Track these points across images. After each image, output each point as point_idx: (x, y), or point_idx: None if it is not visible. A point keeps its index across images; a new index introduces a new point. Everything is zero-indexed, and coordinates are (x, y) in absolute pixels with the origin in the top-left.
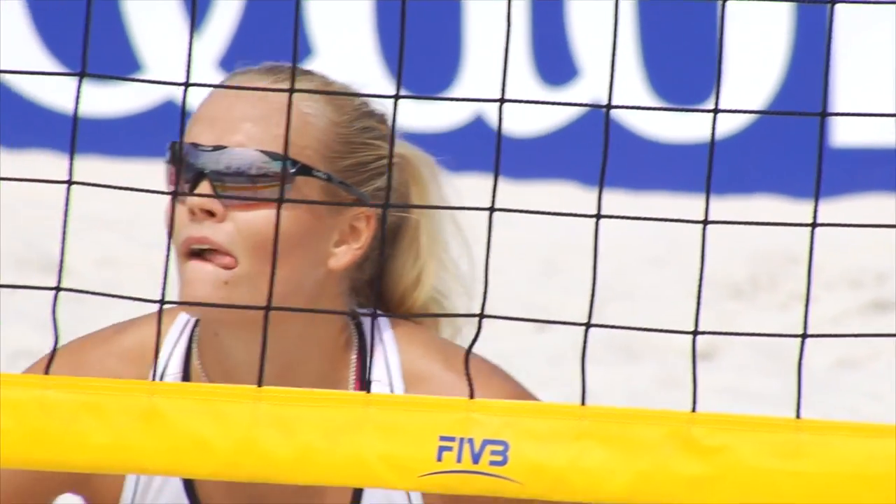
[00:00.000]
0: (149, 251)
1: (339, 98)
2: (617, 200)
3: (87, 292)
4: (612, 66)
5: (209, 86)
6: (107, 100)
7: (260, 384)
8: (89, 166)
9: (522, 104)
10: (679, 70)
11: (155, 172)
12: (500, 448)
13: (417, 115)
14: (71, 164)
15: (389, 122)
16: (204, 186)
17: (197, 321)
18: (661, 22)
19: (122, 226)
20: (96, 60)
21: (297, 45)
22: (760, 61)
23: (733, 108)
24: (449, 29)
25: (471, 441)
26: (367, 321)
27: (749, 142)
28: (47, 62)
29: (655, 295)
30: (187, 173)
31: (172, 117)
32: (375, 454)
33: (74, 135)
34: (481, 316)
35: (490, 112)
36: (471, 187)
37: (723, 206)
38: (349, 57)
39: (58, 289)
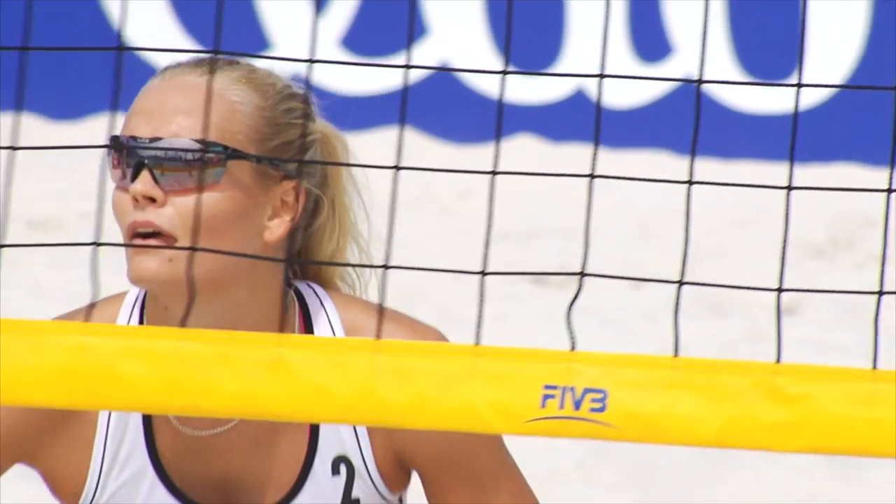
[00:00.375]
0: None
1: (264, 84)
2: (707, 168)
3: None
4: (702, 44)
5: (333, 62)
6: None
7: None
8: None
9: (620, 79)
10: (765, 46)
11: None
12: (599, 396)
13: (524, 89)
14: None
15: (310, 102)
16: (144, 175)
17: (144, 303)
18: (749, 2)
19: None
20: (229, 39)
21: (412, 25)
22: (841, 37)
23: (815, 82)
24: (553, 10)
25: (572, 389)
26: (305, 288)
27: (830, 113)
28: (184, 41)
29: (742, 255)
30: (129, 164)
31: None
32: (485, 401)
33: (207, 108)
34: (582, 274)
35: (590, 86)
36: (573, 156)
37: (805, 173)
38: (461, 36)
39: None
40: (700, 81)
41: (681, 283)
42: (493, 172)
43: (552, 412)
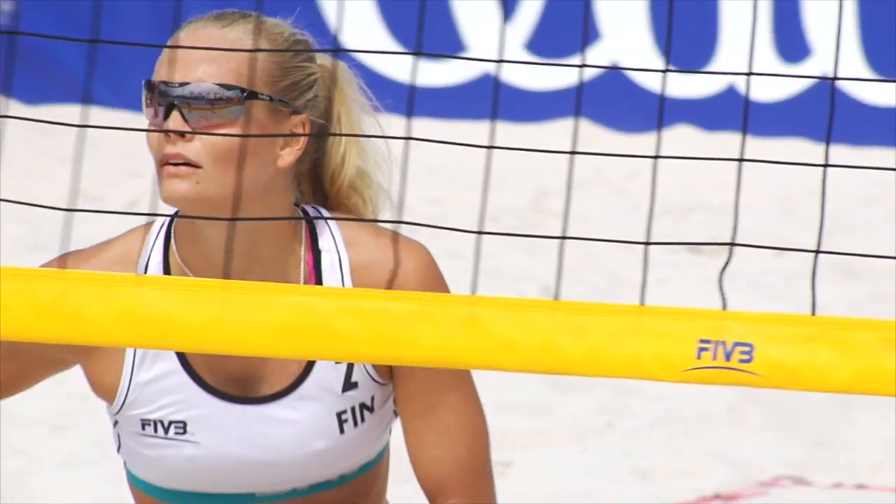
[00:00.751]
0: (469, 192)
1: (273, 34)
2: (840, 153)
3: (421, 225)
4: (836, 46)
5: (519, 62)
6: (437, 73)
7: (228, 267)
8: (423, 126)
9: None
10: (892, 47)
11: (471, 131)
12: (747, 349)
13: (683, 86)
14: (409, 124)
15: (312, 45)
16: (175, 114)
17: (171, 225)
18: (878, 9)
19: (448, 173)
20: (429, 41)
21: (587, 30)
22: None
23: None
24: (707, 15)
25: (723, 343)
26: (311, 209)
27: None
28: (391, 43)
29: (870, 228)
30: (161, 105)
31: (487, 88)
32: (648, 353)
33: (412, 101)
34: (732, 244)
35: (740, 83)
36: (724, 143)
37: None
38: (628, 39)
39: (400, 222)
40: (834, 78)
41: (817, 252)
42: (656, 157)
43: (706, 363)
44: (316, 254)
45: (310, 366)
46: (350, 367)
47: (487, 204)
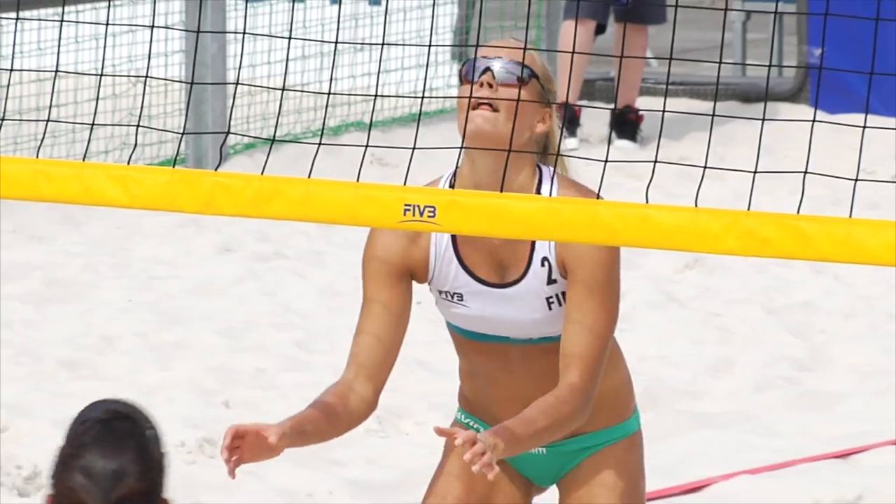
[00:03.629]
0: None
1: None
2: None
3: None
4: None
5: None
6: None
7: (501, 189)
8: None
9: None
10: None
11: None
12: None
13: None
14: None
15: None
16: (488, 75)
17: (455, 172)
18: None
19: None
20: None
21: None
22: None
23: None
24: None
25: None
26: (543, 167)
27: None
28: None
29: None
30: (479, 70)
31: None
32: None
33: None
34: None
35: None
36: None
37: None
38: None
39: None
40: None
41: None
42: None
43: (409, 217)
44: (538, 192)
45: (528, 265)
46: (550, 269)
47: None
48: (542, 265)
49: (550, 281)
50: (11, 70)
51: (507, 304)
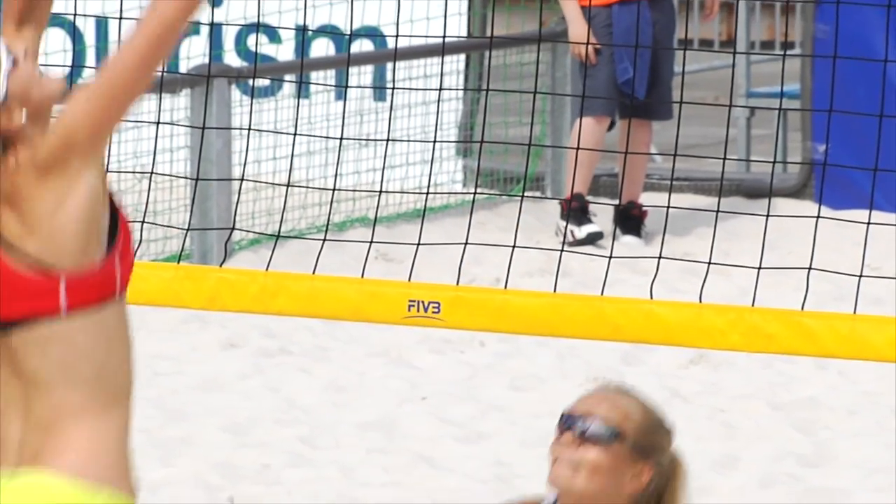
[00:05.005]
0: None
1: (646, 405)
2: None
3: None
4: None
5: None
6: None
7: None
8: None
9: None
10: None
11: None
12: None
13: None
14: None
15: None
16: (568, 434)
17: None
18: None
19: None
20: None
21: None
22: None
23: None
24: None
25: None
26: None
27: None
28: None
29: None
30: (564, 424)
31: None
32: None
33: None
34: None
35: None
36: None
37: None
38: None
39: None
40: None
41: None
42: None
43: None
44: None
45: None
46: None
47: None
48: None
49: None
50: None
51: None
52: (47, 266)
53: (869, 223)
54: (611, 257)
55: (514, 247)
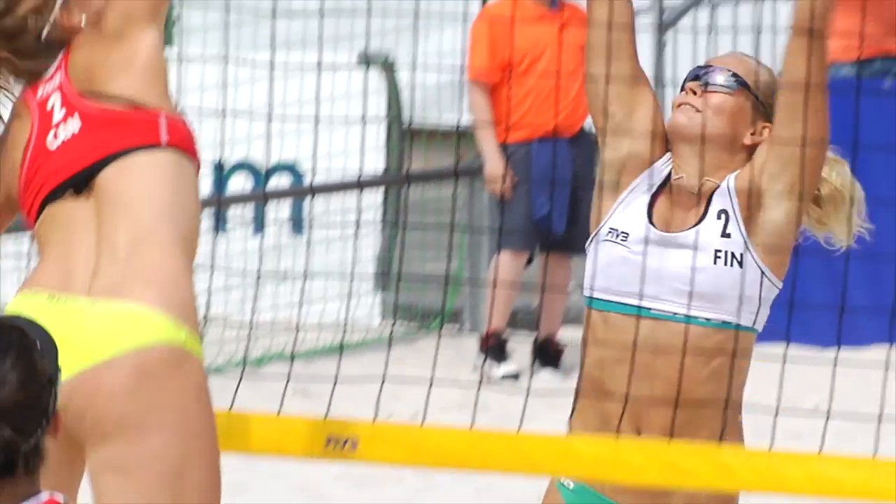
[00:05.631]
0: None
1: (766, 72)
2: None
3: None
4: None
5: None
6: None
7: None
8: None
9: None
10: None
11: None
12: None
13: None
14: None
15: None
16: (695, 82)
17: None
18: None
19: None
20: None
21: None
22: None
23: None
24: None
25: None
26: None
27: None
28: None
29: None
30: (690, 77)
31: None
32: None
33: None
34: None
35: None
36: None
37: None
38: None
39: None
40: None
41: None
42: None
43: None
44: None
45: (704, 215)
46: (727, 221)
47: None
48: (719, 218)
49: (725, 232)
50: None
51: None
52: (143, 103)
53: (785, 361)
54: (528, 393)
55: (431, 383)
